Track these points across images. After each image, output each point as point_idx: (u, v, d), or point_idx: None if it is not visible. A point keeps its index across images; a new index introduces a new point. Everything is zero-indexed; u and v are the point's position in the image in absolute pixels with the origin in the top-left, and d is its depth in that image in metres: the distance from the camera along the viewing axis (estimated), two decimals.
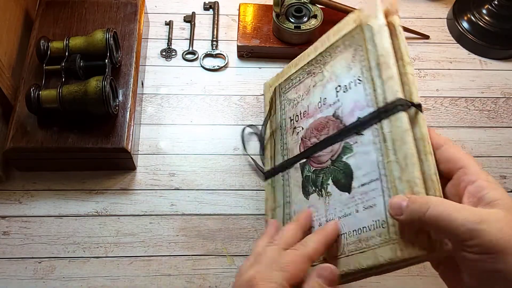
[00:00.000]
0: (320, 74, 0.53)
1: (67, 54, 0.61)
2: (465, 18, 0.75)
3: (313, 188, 0.49)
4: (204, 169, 0.63)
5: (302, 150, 0.51)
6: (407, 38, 0.75)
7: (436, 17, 0.79)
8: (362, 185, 0.45)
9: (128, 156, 0.59)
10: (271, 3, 0.73)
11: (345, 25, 0.52)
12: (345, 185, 0.46)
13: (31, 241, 0.57)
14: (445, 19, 0.79)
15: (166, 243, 0.58)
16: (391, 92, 0.45)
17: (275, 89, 0.59)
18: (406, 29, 0.76)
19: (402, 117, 0.44)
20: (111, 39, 0.61)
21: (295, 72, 0.57)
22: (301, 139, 0.52)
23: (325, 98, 0.51)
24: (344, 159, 0.47)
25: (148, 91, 0.69)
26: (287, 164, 0.53)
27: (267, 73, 0.72)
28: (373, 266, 0.42)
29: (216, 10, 0.77)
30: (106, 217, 0.59)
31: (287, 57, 0.67)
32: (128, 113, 0.60)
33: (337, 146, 0.48)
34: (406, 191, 0.41)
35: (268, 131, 0.59)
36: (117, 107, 0.60)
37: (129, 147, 0.58)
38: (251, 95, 0.70)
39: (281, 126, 0.56)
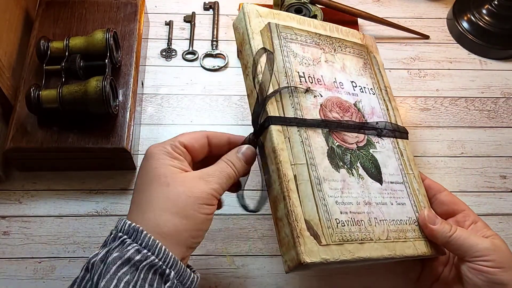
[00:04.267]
0: (331, 55, 0.53)
1: (67, 54, 0.61)
2: (465, 18, 0.75)
3: (341, 163, 0.47)
4: None
5: (322, 117, 0.48)
6: (407, 38, 0.76)
7: (436, 17, 0.79)
8: (391, 182, 0.50)
9: (128, 156, 0.59)
10: (271, 3, 0.73)
11: (353, 34, 0.58)
12: (376, 176, 0.49)
13: (31, 241, 0.57)
14: (445, 19, 0.79)
15: None
16: (400, 121, 0.55)
17: (269, 24, 0.50)
18: (406, 29, 0.76)
19: (409, 142, 0.55)
20: (111, 39, 0.61)
21: (300, 29, 0.53)
22: (320, 105, 0.49)
23: (341, 83, 0.52)
24: (371, 151, 0.50)
25: (148, 91, 0.69)
26: (304, 123, 0.47)
27: None
28: (412, 256, 0.47)
29: (216, 10, 0.77)
30: (106, 217, 0.59)
31: None
32: (128, 113, 0.60)
33: (361, 136, 0.51)
34: (425, 203, 0.51)
35: (264, 65, 0.48)
36: (117, 107, 0.60)
37: (129, 147, 0.58)
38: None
39: (286, 74, 0.48)
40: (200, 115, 0.68)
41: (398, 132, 0.54)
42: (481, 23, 0.74)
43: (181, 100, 0.69)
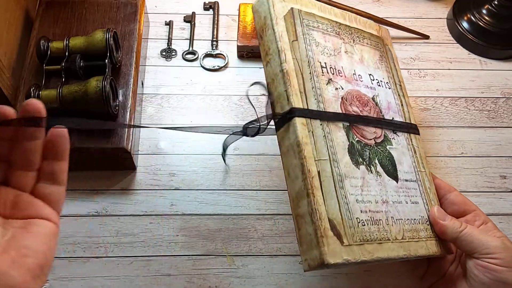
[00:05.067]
0: (350, 46, 0.52)
1: (67, 54, 0.61)
2: (465, 18, 0.75)
3: (361, 159, 0.46)
4: (204, 169, 0.63)
5: (343, 111, 0.48)
6: (407, 38, 0.76)
7: (436, 17, 0.79)
8: (406, 180, 0.50)
9: (128, 156, 0.59)
10: None
11: (370, 26, 0.57)
12: (392, 173, 0.49)
13: None
14: (445, 19, 0.79)
15: (166, 243, 0.58)
16: (413, 117, 0.54)
17: (292, 10, 0.49)
18: (406, 29, 0.76)
19: (420, 140, 0.54)
20: (111, 39, 0.61)
21: (321, 17, 0.51)
22: (341, 98, 0.48)
23: (360, 76, 0.51)
24: (388, 148, 0.50)
25: (148, 91, 0.69)
26: (326, 116, 0.46)
27: None
28: (424, 256, 0.47)
29: (216, 10, 0.77)
30: (106, 217, 0.59)
31: None
32: (128, 113, 0.60)
33: (379, 132, 0.50)
34: (436, 202, 0.51)
35: (289, 54, 0.47)
36: (117, 107, 0.60)
37: (129, 147, 0.58)
38: (251, 95, 0.70)
39: (309, 63, 0.47)
40: (200, 115, 0.68)
41: (412, 129, 0.54)
42: (481, 23, 0.74)
43: (181, 100, 0.69)
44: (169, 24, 0.76)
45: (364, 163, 0.46)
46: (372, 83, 0.52)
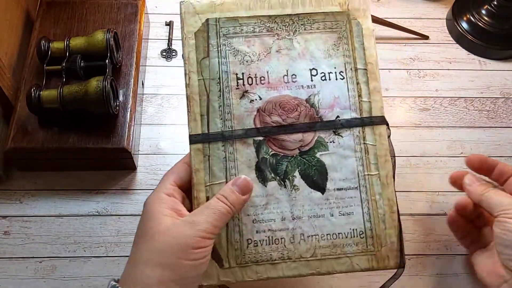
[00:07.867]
0: (288, 41, 0.46)
1: (67, 54, 0.61)
2: (465, 18, 0.76)
3: (272, 175, 0.44)
4: None
5: (258, 125, 0.44)
6: (406, 38, 0.76)
7: (435, 18, 0.79)
8: (339, 189, 0.45)
9: (128, 156, 0.60)
10: None
11: (327, 1, 0.47)
12: (318, 184, 0.44)
13: (32, 240, 0.58)
14: (445, 20, 0.79)
15: None
16: (378, 107, 0.46)
17: (207, 22, 0.45)
18: (405, 30, 0.76)
19: (385, 134, 0.45)
20: (112, 39, 0.61)
21: (248, 17, 0.46)
22: (258, 110, 0.45)
23: (294, 75, 0.46)
24: (317, 155, 0.45)
25: (148, 91, 0.69)
26: (233, 135, 0.44)
27: None
28: (346, 272, 0.44)
29: None
30: (106, 217, 0.59)
31: None
32: (128, 113, 0.61)
33: (308, 138, 0.45)
34: (386, 208, 0.45)
35: (194, 76, 0.46)
36: (117, 107, 0.60)
37: (130, 147, 0.59)
38: None
39: (219, 79, 0.45)
40: None
41: (369, 124, 0.45)
42: (480, 24, 0.74)
43: (181, 100, 0.69)
44: (169, 24, 0.76)
45: (277, 178, 0.44)
46: (312, 80, 0.46)
